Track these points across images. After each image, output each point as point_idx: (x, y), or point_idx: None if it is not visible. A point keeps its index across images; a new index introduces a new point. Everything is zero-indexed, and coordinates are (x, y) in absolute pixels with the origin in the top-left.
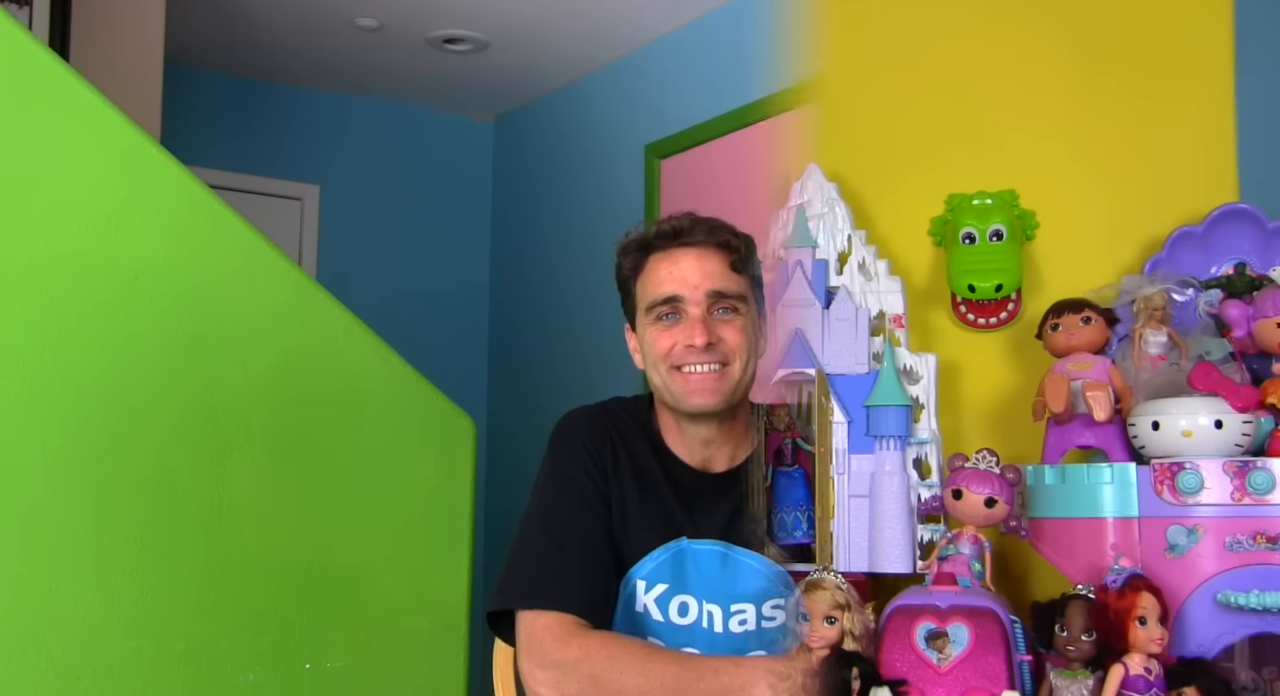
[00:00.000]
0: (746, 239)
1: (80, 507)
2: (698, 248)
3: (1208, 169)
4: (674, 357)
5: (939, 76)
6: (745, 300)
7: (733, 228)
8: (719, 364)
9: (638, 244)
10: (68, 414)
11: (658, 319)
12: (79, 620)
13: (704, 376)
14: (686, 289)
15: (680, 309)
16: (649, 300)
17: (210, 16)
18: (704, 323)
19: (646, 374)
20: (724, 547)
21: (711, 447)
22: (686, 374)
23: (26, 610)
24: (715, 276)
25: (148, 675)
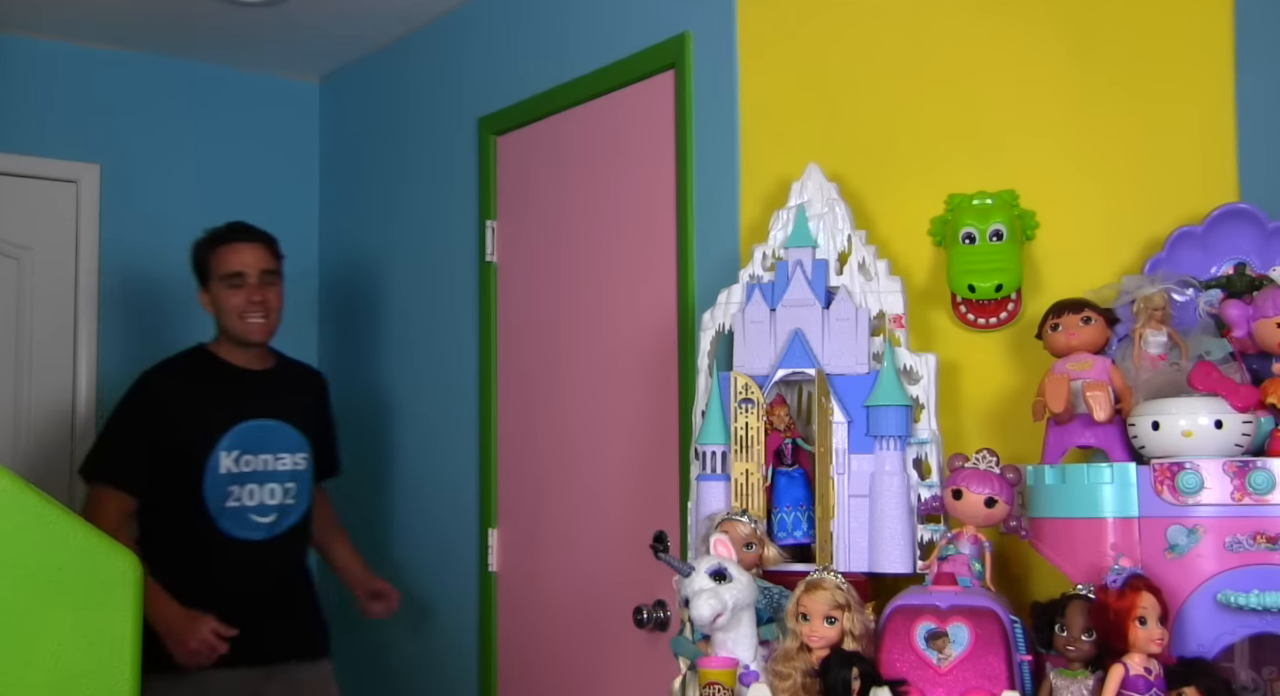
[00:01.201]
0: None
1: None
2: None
3: (1208, 169)
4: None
5: (939, 77)
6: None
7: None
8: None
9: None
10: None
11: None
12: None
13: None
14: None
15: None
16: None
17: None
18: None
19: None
20: (268, 421)
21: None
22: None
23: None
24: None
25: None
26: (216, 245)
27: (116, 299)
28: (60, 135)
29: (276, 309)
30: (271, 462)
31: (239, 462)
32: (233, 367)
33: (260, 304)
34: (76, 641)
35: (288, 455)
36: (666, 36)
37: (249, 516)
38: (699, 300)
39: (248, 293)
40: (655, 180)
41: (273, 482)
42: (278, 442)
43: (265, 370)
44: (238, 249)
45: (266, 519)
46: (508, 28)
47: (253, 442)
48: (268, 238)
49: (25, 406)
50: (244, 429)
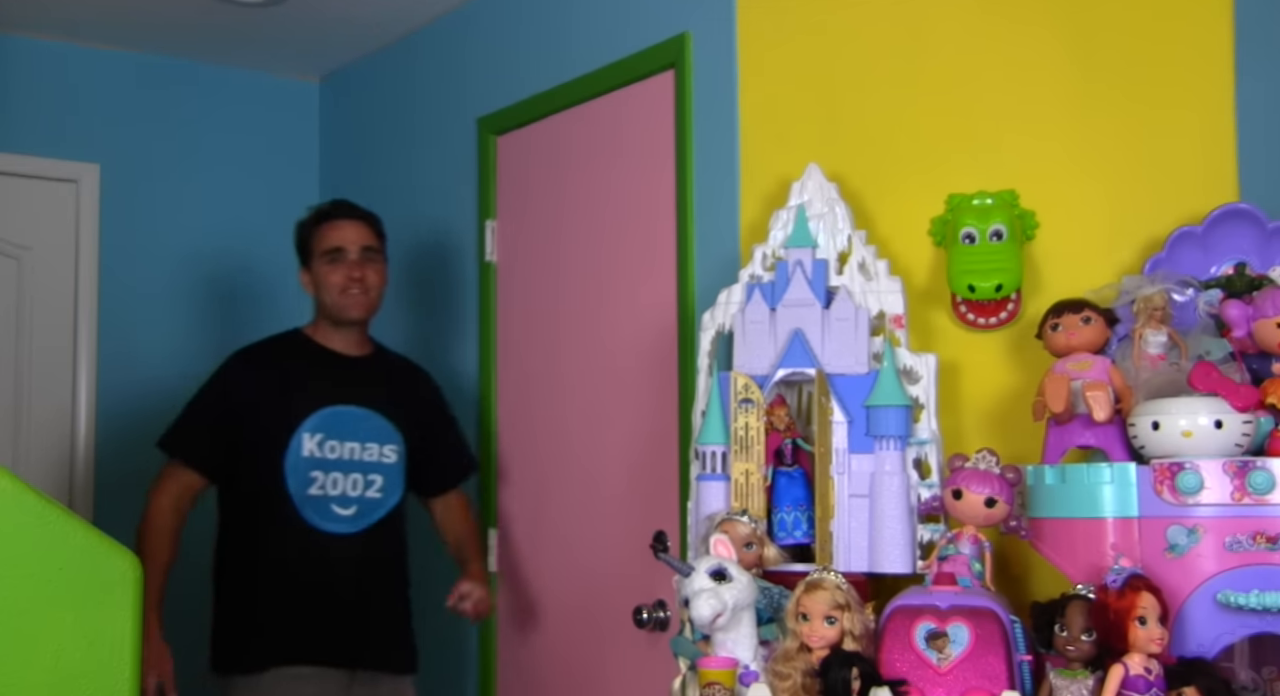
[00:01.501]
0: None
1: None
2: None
3: (1208, 169)
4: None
5: (939, 77)
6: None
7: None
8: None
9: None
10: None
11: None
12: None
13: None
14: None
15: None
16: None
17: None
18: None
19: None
20: (358, 408)
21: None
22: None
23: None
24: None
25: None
26: (318, 222)
27: (116, 299)
28: (60, 135)
29: (377, 287)
30: (358, 451)
31: (323, 447)
32: (326, 351)
33: (359, 280)
34: (76, 641)
35: (375, 445)
36: (666, 36)
37: (330, 506)
38: (699, 300)
39: (347, 268)
40: (655, 180)
41: (356, 472)
42: (366, 431)
43: (361, 356)
44: (339, 225)
45: (347, 511)
46: (508, 28)
47: (339, 428)
48: (370, 216)
49: (25, 406)
50: (330, 413)
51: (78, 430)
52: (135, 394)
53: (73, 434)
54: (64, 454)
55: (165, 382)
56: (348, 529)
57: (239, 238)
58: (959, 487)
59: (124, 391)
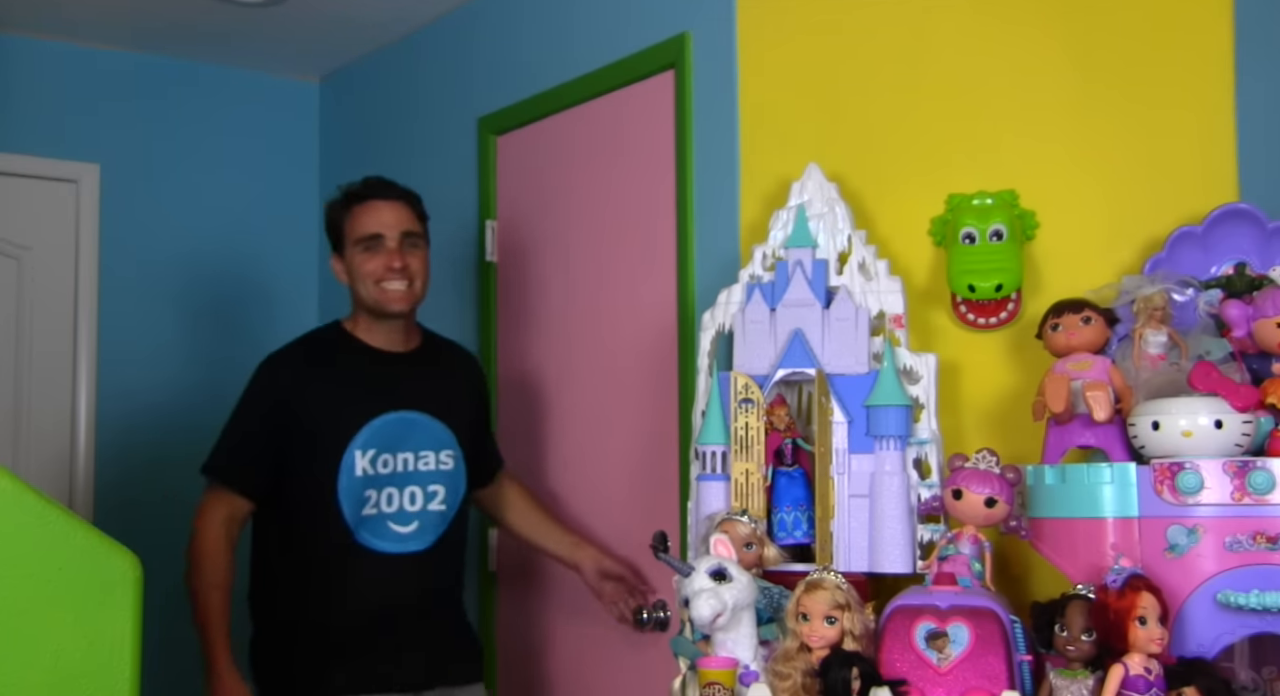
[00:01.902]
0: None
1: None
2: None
3: (1208, 169)
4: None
5: (939, 77)
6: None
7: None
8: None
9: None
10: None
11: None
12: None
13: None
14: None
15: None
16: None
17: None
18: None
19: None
20: (408, 414)
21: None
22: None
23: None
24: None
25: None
26: (351, 204)
27: (116, 299)
28: (60, 135)
29: (421, 275)
30: (412, 462)
31: (376, 463)
32: (370, 349)
33: (401, 270)
34: (76, 641)
35: (430, 453)
36: (666, 36)
37: (387, 525)
38: (699, 300)
39: (387, 257)
40: (655, 180)
41: (413, 485)
42: (419, 439)
43: (407, 352)
44: (375, 207)
45: (406, 528)
46: (508, 28)
47: (391, 440)
48: (410, 195)
49: (25, 406)
50: (381, 423)
51: (78, 430)
52: (135, 394)
53: (73, 434)
54: (64, 454)
55: (165, 383)
56: (411, 547)
57: (239, 238)
58: (959, 487)
59: (124, 392)
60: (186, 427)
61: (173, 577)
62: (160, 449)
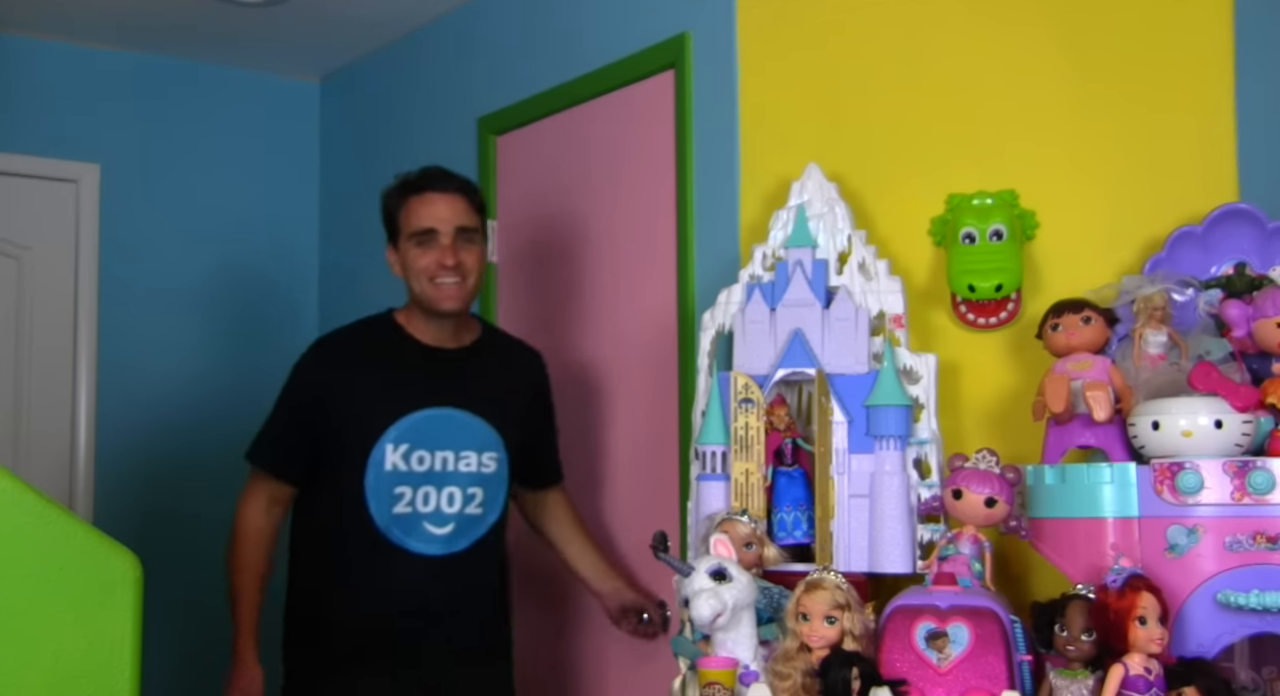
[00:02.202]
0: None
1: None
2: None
3: (1208, 169)
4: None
5: (939, 77)
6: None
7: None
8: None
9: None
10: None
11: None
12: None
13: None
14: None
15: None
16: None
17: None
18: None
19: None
20: (450, 411)
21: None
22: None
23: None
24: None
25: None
26: (407, 195)
27: (116, 299)
28: (60, 135)
29: (475, 272)
30: (452, 461)
31: (410, 459)
32: (417, 344)
33: (454, 267)
34: (76, 641)
35: (473, 454)
36: (666, 36)
37: (423, 525)
38: (699, 300)
39: (440, 253)
40: (655, 180)
41: (452, 486)
42: (461, 438)
43: (458, 348)
44: (430, 200)
45: (443, 530)
46: (508, 28)
47: (429, 436)
48: (468, 187)
49: (25, 406)
50: (418, 419)
51: (78, 430)
52: (135, 394)
53: (73, 434)
54: (64, 454)
55: (165, 383)
56: (445, 550)
57: (239, 238)
58: (959, 487)
59: (124, 391)
60: (187, 427)
61: (173, 578)
62: (160, 448)
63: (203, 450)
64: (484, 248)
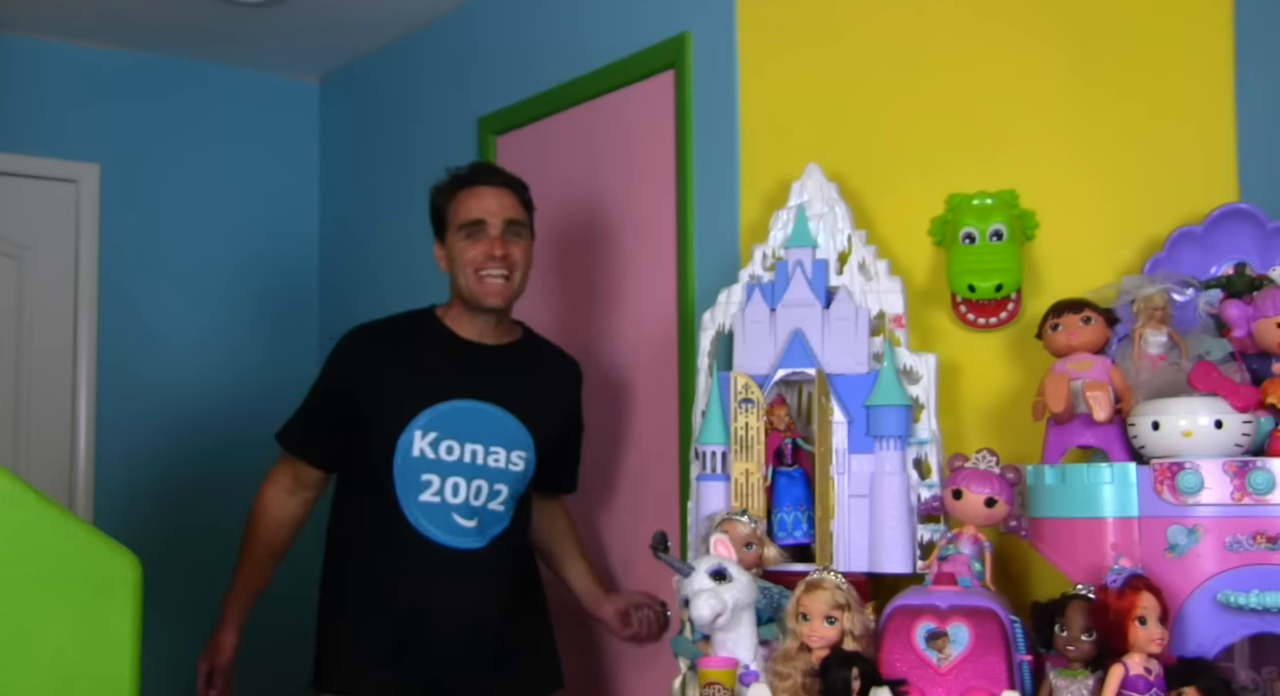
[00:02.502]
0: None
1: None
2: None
3: (1208, 169)
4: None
5: (939, 77)
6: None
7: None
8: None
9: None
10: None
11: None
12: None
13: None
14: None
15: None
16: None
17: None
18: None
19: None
20: (483, 405)
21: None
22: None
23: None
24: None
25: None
26: (457, 188)
27: (116, 299)
28: (60, 135)
29: (522, 267)
30: (481, 455)
31: (438, 448)
32: (457, 338)
33: (502, 259)
34: (76, 641)
35: (502, 450)
36: (666, 36)
37: (452, 516)
38: (699, 300)
39: (488, 245)
40: (655, 180)
41: (480, 479)
42: (492, 432)
43: (497, 346)
44: (480, 193)
45: (470, 522)
46: (508, 28)
47: (459, 427)
48: (517, 182)
49: (25, 406)
50: (449, 409)
51: (78, 430)
52: (135, 394)
53: (73, 434)
54: (64, 454)
55: (165, 383)
56: (474, 543)
57: (239, 237)
58: (959, 487)
59: (124, 391)
60: (187, 427)
61: (173, 578)
62: (160, 448)
63: (203, 449)
64: (531, 245)
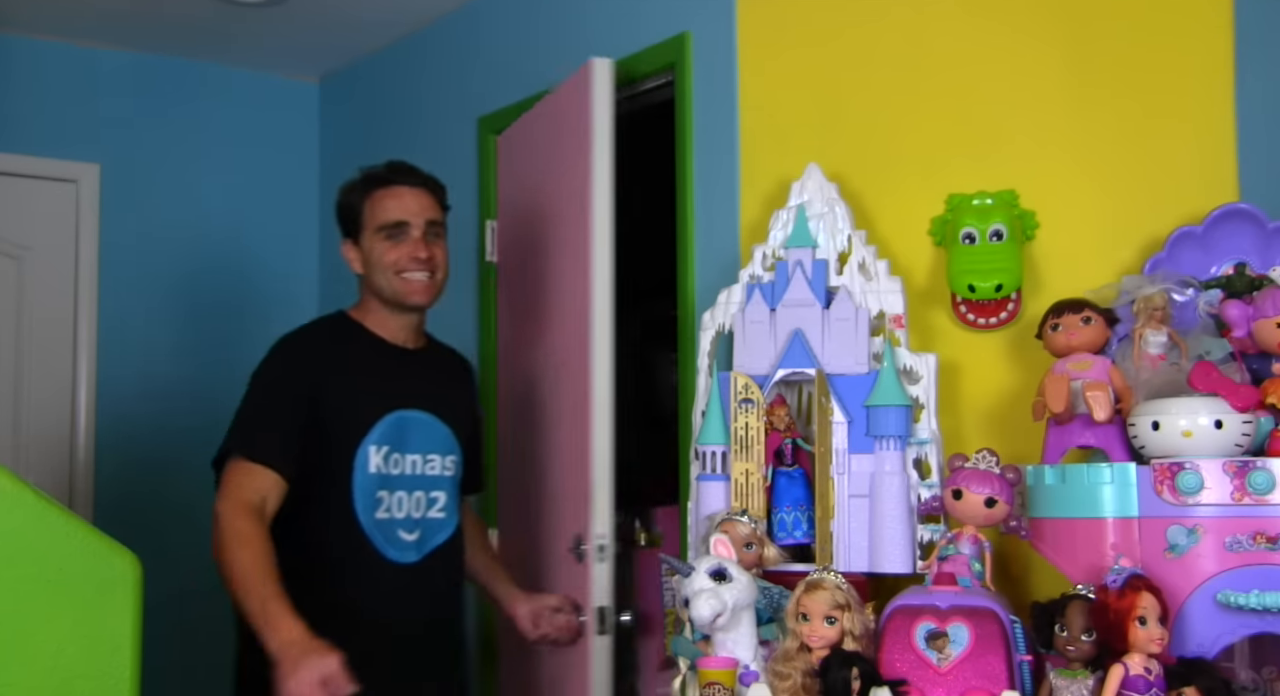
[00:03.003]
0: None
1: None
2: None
3: (1208, 169)
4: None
5: (939, 77)
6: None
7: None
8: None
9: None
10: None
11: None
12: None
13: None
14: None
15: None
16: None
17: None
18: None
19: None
20: (419, 413)
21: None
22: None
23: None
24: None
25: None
26: (372, 188)
27: (116, 299)
28: (60, 135)
29: (443, 267)
30: (419, 464)
31: (388, 462)
32: (386, 344)
33: (426, 261)
34: (76, 641)
35: (438, 457)
36: (666, 36)
37: (397, 531)
38: (699, 300)
39: (412, 247)
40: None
41: (419, 490)
42: (429, 440)
43: (417, 350)
44: (399, 194)
45: (411, 536)
46: (507, 28)
47: (402, 438)
48: (435, 182)
49: (25, 406)
50: (395, 420)
51: (78, 430)
52: (135, 394)
53: (73, 434)
54: (64, 454)
55: (165, 383)
56: (412, 557)
57: (239, 238)
58: (959, 487)
59: (124, 391)
60: (186, 427)
61: (173, 578)
62: (160, 449)
63: (203, 449)
64: (447, 245)
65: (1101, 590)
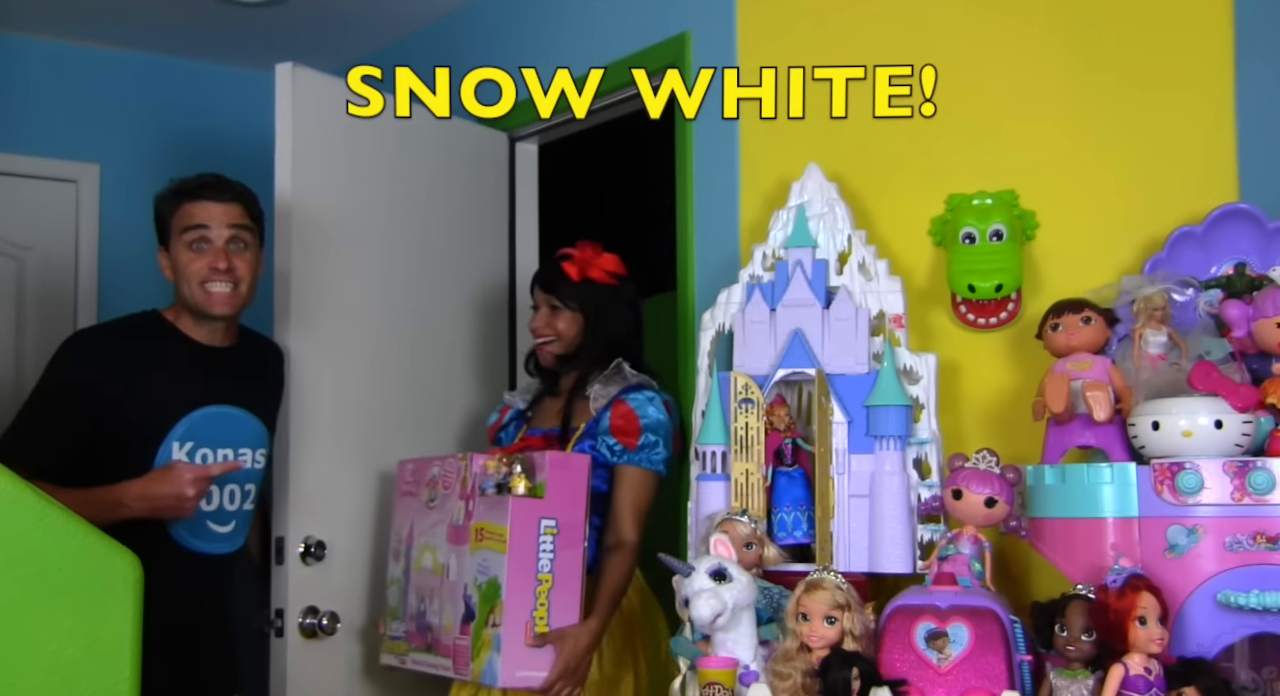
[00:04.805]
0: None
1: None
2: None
3: (1208, 169)
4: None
5: (940, 77)
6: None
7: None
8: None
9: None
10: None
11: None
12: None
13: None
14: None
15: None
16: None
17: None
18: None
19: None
20: (230, 409)
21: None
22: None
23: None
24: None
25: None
26: (180, 200)
27: (116, 299)
28: (60, 135)
29: (248, 280)
30: (231, 458)
31: (194, 457)
32: (194, 343)
33: (226, 272)
34: (76, 641)
35: (249, 451)
36: (666, 36)
37: (207, 524)
38: (699, 300)
39: (212, 257)
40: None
41: (232, 484)
42: (239, 435)
43: (228, 347)
44: (205, 207)
45: (225, 528)
46: (507, 28)
47: (211, 434)
48: (246, 195)
49: None
50: (201, 416)
51: None
52: None
53: None
54: None
55: None
56: (225, 548)
57: None
58: (959, 487)
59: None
60: None
61: None
62: None
63: None
64: (259, 256)
65: (1101, 590)
